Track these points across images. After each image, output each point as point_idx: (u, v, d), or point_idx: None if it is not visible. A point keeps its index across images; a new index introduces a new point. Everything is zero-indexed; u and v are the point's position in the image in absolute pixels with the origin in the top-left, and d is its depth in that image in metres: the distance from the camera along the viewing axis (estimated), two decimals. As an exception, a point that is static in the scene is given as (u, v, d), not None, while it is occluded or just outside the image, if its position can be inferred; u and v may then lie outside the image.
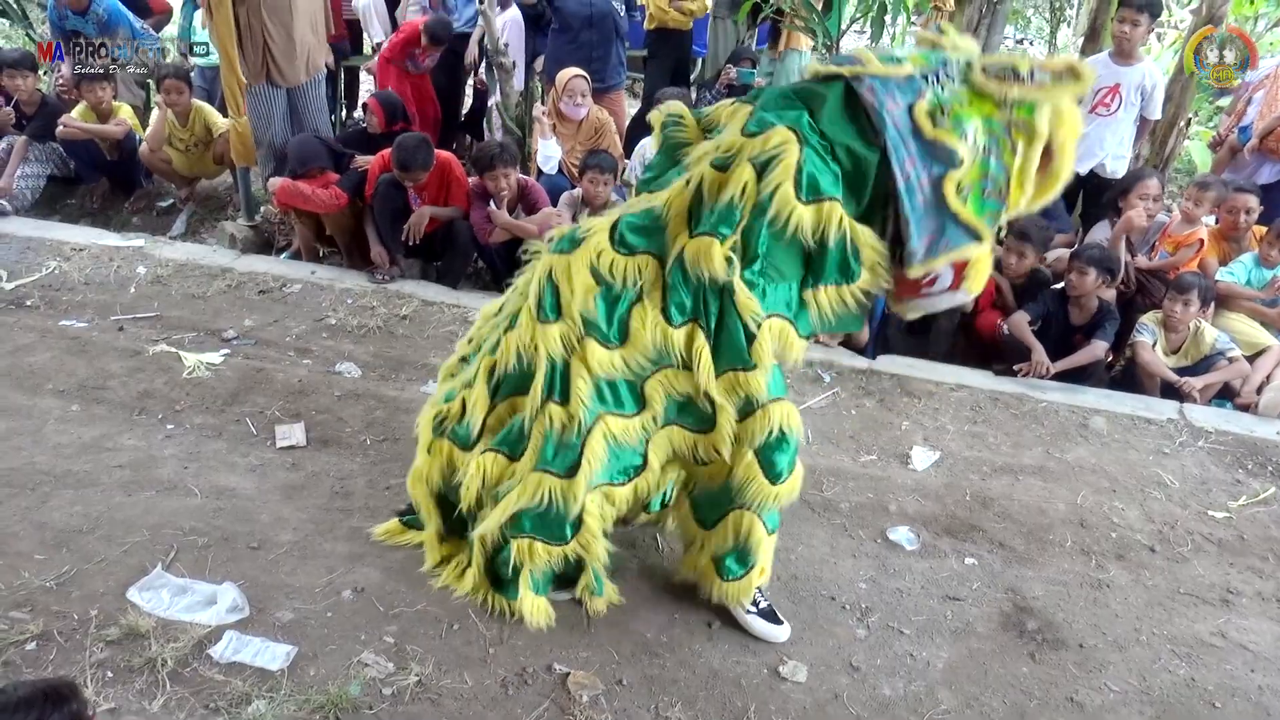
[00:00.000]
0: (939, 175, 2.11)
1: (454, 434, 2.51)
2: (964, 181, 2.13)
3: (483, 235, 4.54)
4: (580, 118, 5.03)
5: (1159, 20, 7.36)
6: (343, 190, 4.57)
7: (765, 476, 2.30)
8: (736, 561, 2.44)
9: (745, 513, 2.36)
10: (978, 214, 2.16)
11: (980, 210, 2.18)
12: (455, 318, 4.23)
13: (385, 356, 3.88)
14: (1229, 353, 4.01)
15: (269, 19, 4.80)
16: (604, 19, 5.21)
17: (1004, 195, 2.19)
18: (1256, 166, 4.54)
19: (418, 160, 4.35)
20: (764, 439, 2.27)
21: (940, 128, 2.09)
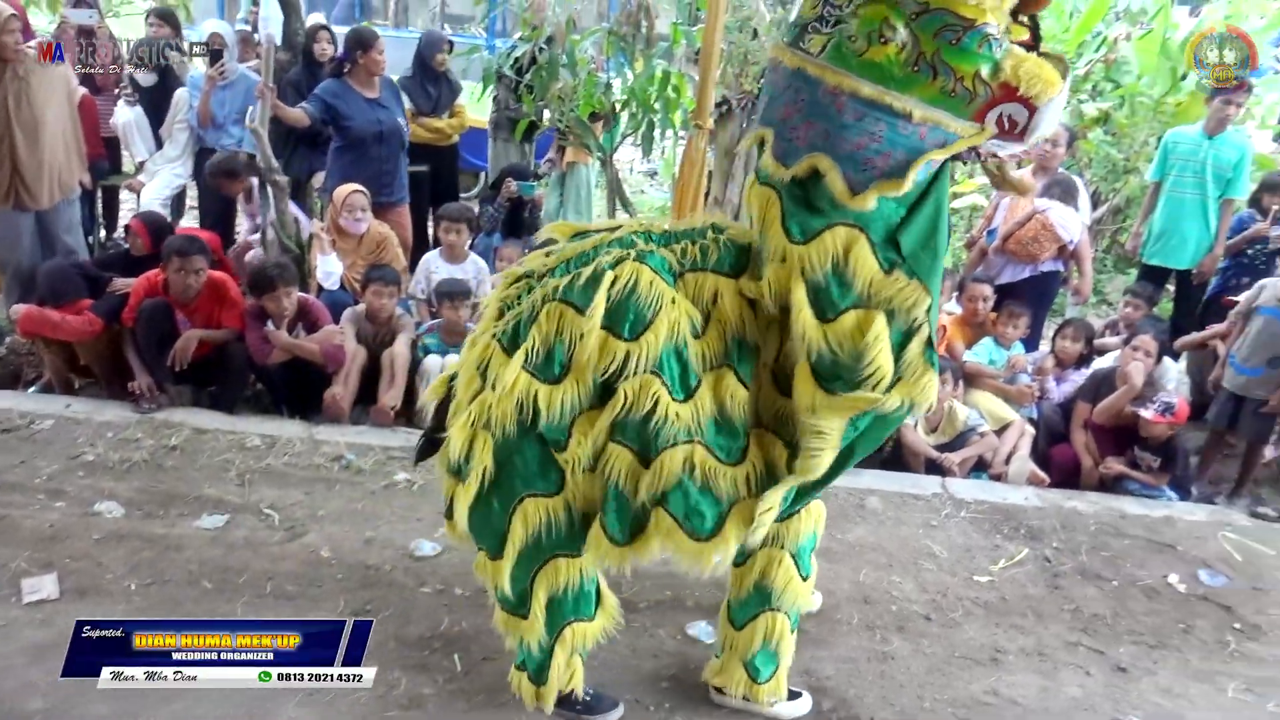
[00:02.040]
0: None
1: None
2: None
3: (260, 356, 4.36)
4: (360, 233, 5.00)
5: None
6: (97, 316, 4.28)
7: (800, 576, 2.30)
8: (766, 661, 2.42)
9: (777, 614, 2.36)
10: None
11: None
12: (231, 445, 4.01)
13: (152, 492, 3.61)
14: (980, 428, 4.41)
15: (19, 138, 4.53)
16: (392, 135, 5.25)
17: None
18: (1001, 266, 5.09)
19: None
20: (804, 541, 2.28)
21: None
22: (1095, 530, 3.84)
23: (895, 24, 1.77)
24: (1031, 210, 4.93)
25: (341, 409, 4.32)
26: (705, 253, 2.18)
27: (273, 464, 3.88)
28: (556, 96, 5.44)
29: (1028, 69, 1.79)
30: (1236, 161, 5.18)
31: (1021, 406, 4.61)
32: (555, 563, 2.27)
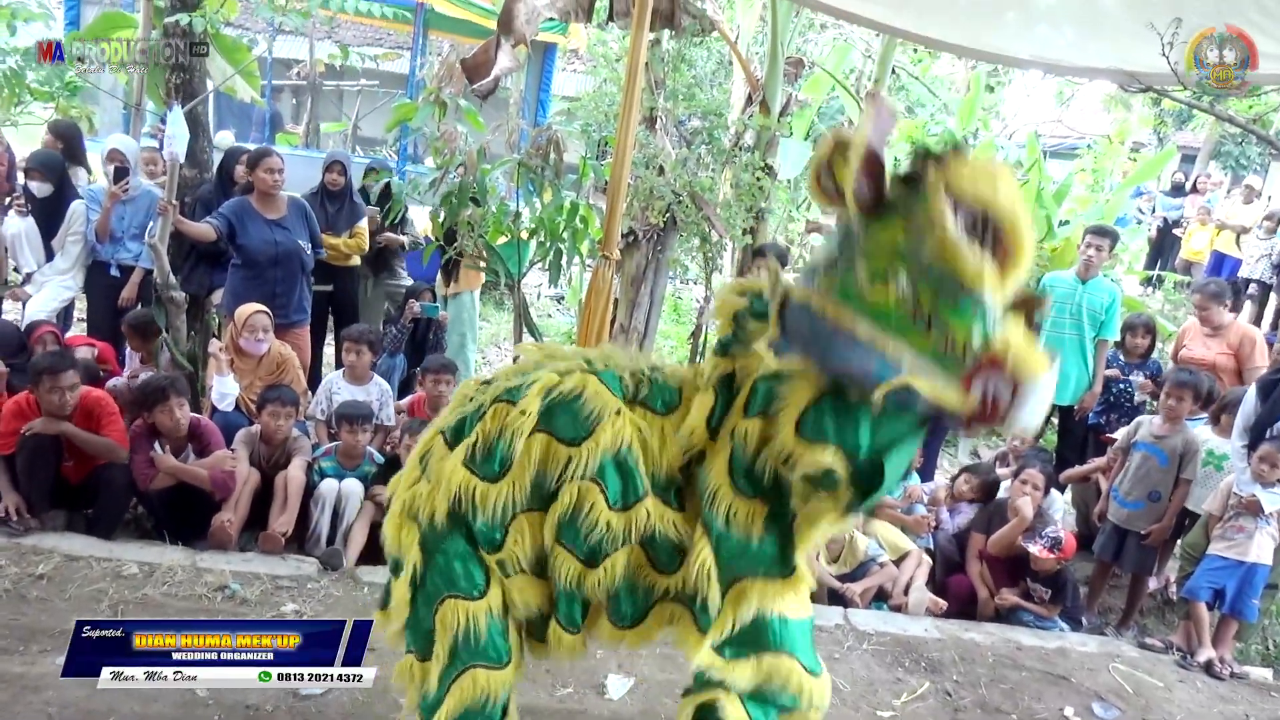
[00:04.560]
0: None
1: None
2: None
3: (144, 480, 4.16)
4: (261, 353, 4.88)
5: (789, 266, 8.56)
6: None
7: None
8: None
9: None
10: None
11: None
12: (106, 573, 3.76)
13: (12, 625, 3.33)
14: (880, 558, 4.47)
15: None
16: (289, 257, 5.18)
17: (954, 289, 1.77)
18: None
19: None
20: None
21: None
22: (993, 662, 3.89)
23: (899, 270, 1.78)
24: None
25: (229, 535, 4.12)
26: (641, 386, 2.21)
27: (150, 594, 3.65)
28: (466, 223, 5.51)
29: (1018, 346, 1.78)
30: (1108, 305, 5.53)
31: (918, 536, 4.70)
32: (473, 673, 2.16)
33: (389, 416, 5.02)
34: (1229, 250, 11.54)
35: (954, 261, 1.71)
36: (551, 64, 10.71)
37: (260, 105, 10.44)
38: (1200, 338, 5.43)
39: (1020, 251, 1.73)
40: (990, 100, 12.68)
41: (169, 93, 5.72)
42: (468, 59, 4.97)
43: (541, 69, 10.38)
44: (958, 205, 1.71)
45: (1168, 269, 12.60)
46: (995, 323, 1.76)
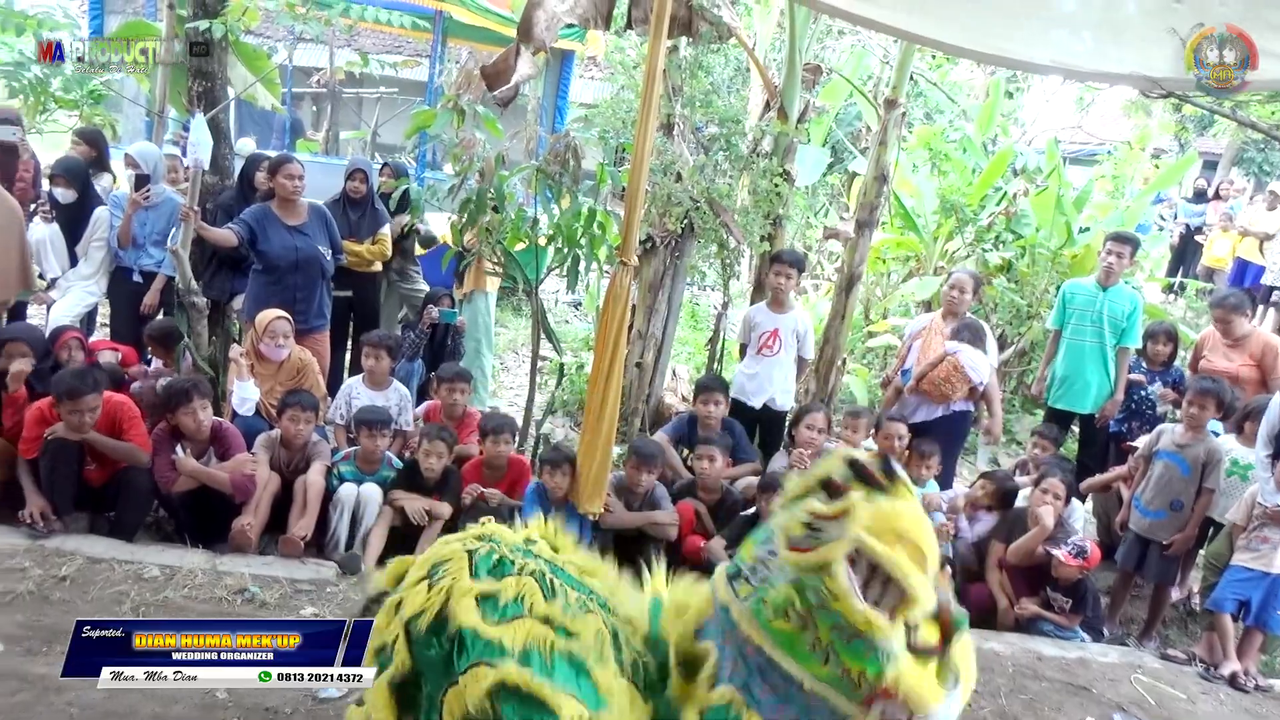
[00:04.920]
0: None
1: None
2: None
3: (165, 483, 4.19)
4: (281, 359, 4.91)
5: (807, 273, 8.57)
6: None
7: None
8: None
9: None
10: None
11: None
12: (127, 575, 3.79)
13: (36, 627, 3.36)
14: (897, 566, 4.44)
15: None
16: (310, 263, 5.22)
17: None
18: (915, 406, 5.25)
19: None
20: None
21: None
22: (1013, 672, 3.86)
23: (799, 608, 1.85)
24: (943, 352, 5.13)
25: (249, 539, 4.15)
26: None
27: (171, 596, 3.68)
28: (484, 229, 5.53)
29: (907, 684, 1.82)
30: (1130, 312, 5.49)
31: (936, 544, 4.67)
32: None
33: (407, 422, 5.04)
34: (1252, 257, 11.43)
35: (846, 611, 1.78)
36: (569, 71, 10.73)
37: (281, 113, 10.53)
38: (1221, 349, 5.38)
39: (916, 597, 1.78)
40: (1009, 106, 12.62)
41: (191, 100, 5.77)
42: (488, 66, 5.00)
43: (559, 76, 10.41)
44: (857, 554, 1.78)
45: (1190, 276, 12.51)
46: (889, 659, 1.81)
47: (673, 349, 6.91)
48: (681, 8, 5.30)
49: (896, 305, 8.96)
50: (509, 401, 7.03)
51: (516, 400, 7.10)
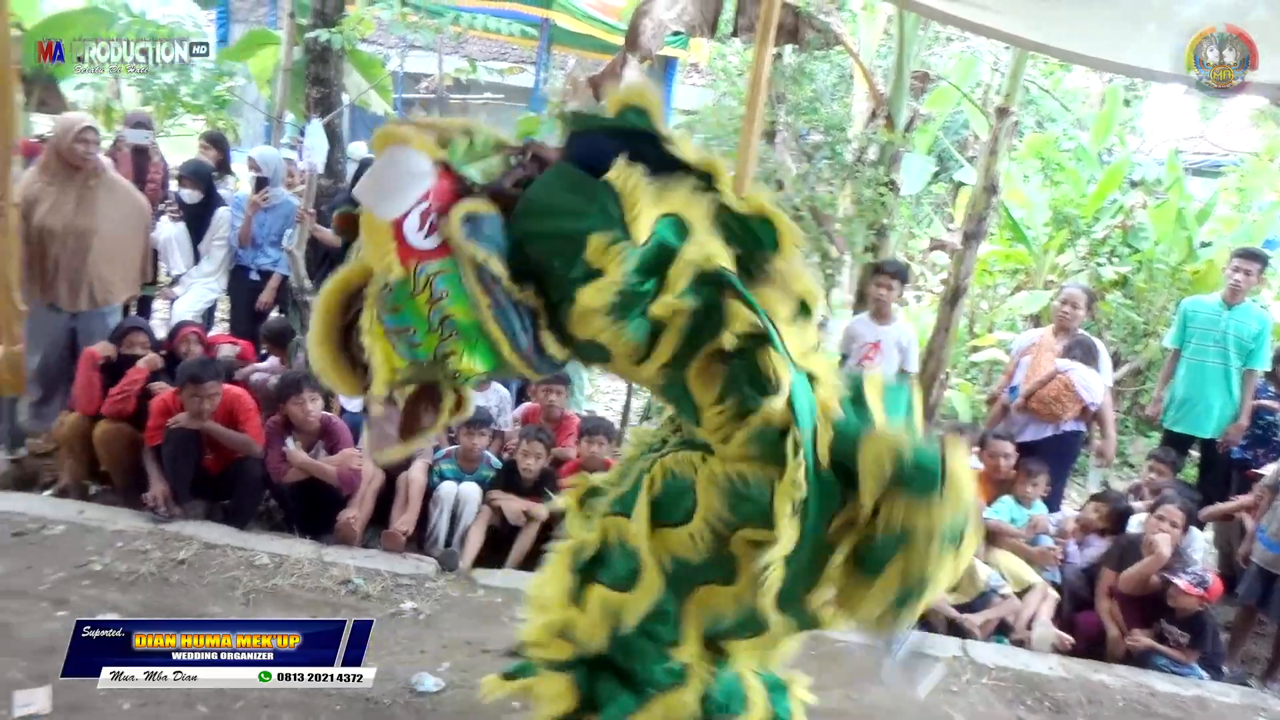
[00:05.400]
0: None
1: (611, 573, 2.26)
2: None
3: (277, 474, 4.35)
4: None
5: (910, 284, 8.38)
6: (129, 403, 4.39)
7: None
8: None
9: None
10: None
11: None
12: (240, 562, 3.94)
13: (156, 607, 3.52)
14: (1001, 589, 4.30)
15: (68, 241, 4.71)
16: (414, 264, 5.36)
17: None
18: (1023, 424, 5.09)
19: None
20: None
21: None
22: (1123, 706, 3.70)
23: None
24: (1053, 370, 4.96)
25: (354, 532, 4.26)
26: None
27: (279, 584, 3.81)
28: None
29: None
30: (1258, 333, 5.21)
31: (1043, 569, 4.51)
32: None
33: (506, 422, 5.12)
34: (1391, 276, 10.72)
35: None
36: (672, 78, 10.79)
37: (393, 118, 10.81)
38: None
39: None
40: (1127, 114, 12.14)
41: (309, 106, 6.01)
42: (595, 75, 5.04)
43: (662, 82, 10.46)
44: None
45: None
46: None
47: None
48: (788, 15, 5.26)
49: (1003, 319, 8.70)
50: (605, 405, 7.08)
51: (612, 404, 7.14)
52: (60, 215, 4.74)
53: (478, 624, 3.74)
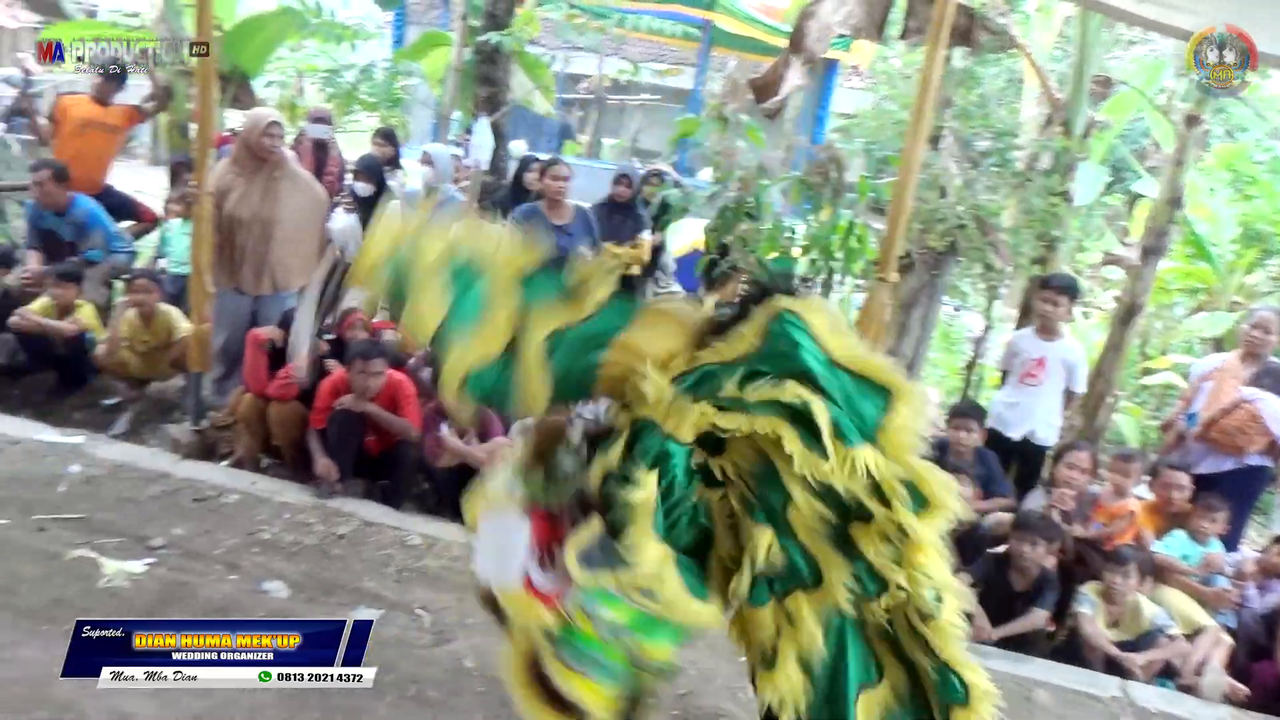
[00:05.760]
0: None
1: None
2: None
3: (432, 458, 4.52)
4: (539, 351, 5.16)
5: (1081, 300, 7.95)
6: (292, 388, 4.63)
7: None
8: None
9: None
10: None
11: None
12: (394, 540, 4.12)
13: (317, 578, 3.73)
14: (1168, 629, 4.03)
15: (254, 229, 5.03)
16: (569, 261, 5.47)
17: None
18: (1201, 455, 4.77)
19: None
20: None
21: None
22: (1303, 767, 3.40)
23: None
24: (1239, 399, 4.61)
25: (500, 519, 4.38)
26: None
27: (430, 564, 3.95)
28: (739, 237, 5.55)
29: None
30: None
31: (1217, 612, 4.20)
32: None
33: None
34: None
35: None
36: (832, 80, 10.61)
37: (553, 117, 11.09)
38: None
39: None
40: (1331, 125, 11.15)
41: (476, 105, 6.22)
42: (757, 78, 5.01)
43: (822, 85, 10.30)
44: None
45: None
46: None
47: (923, 370, 6.65)
48: (961, 16, 5.08)
49: (1179, 341, 8.15)
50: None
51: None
52: (248, 204, 5.07)
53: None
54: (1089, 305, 9.33)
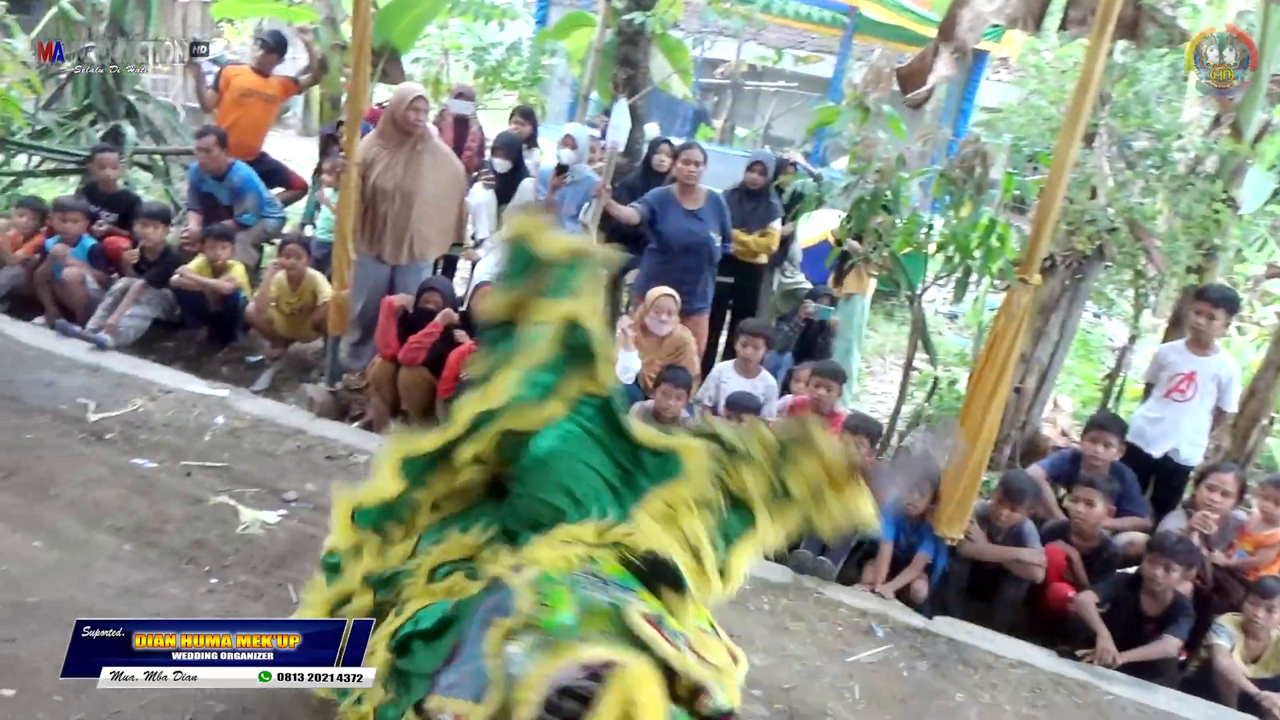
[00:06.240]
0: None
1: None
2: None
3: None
4: (664, 334, 5.18)
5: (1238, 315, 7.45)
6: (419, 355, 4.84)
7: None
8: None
9: None
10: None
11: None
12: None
13: (437, 541, 3.85)
14: (1314, 670, 3.77)
15: (396, 200, 5.20)
16: (700, 247, 5.47)
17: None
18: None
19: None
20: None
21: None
22: None
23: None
24: None
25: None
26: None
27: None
28: (874, 230, 5.42)
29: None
30: None
31: (1372, 656, 3.89)
32: None
33: (771, 412, 5.10)
34: None
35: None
36: (980, 72, 10.21)
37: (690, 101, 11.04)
38: None
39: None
40: None
41: (616, 86, 6.24)
42: (903, 67, 4.87)
43: (969, 77, 9.93)
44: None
45: None
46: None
47: (1058, 377, 6.36)
48: (1128, 8, 4.80)
49: (1347, 364, 7.54)
50: (870, 407, 6.88)
51: (878, 406, 6.93)
52: (391, 176, 5.24)
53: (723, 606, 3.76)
54: (1246, 320, 8.73)
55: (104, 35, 7.98)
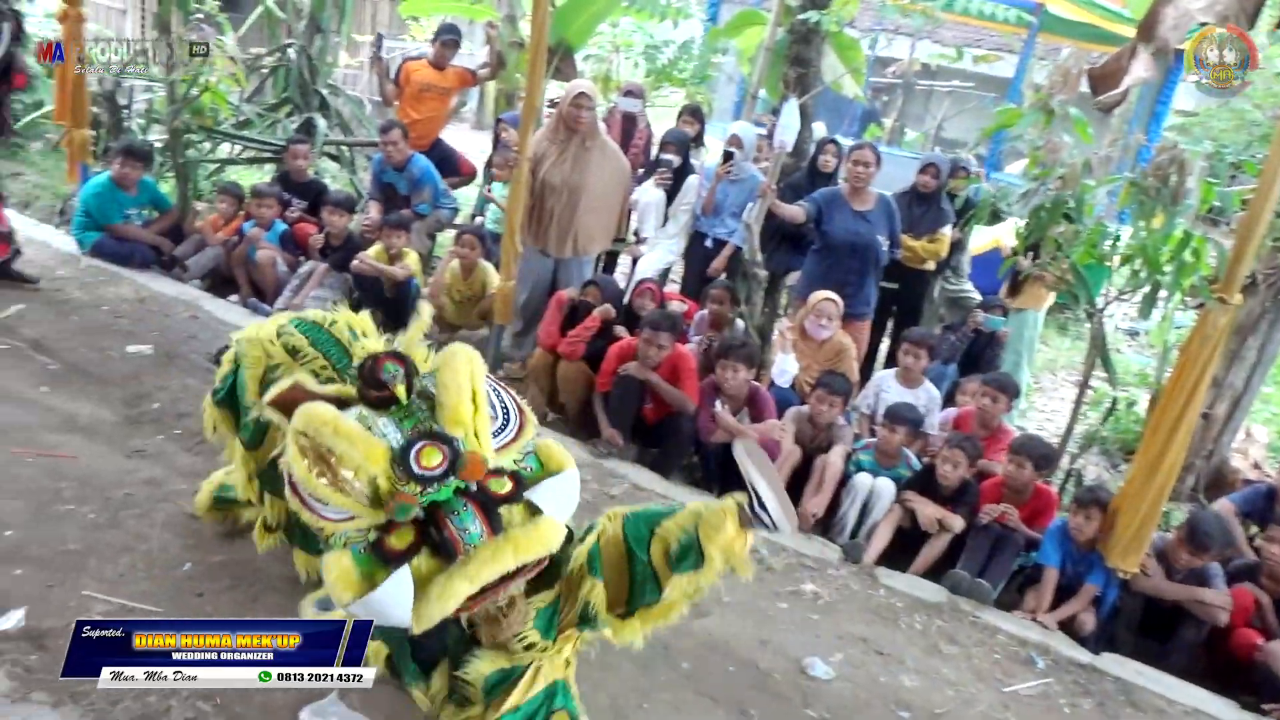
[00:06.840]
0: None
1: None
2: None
3: (705, 433, 4.59)
4: (823, 339, 5.09)
5: None
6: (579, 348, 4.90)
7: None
8: None
9: None
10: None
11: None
12: (661, 508, 4.22)
13: (587, 532, 3.90)
14: None
15: (562, 195, 5.31)
16: (866, 250, 5.33)
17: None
18: None
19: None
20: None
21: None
22: None
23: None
24: None
25: (763, 504, 4.38)
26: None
27: (693, 538, 4.02)
28: (1054, 240, 5.14)
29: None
30: None
31: None
32: None
33: (932, 424, 4.93)
34: None
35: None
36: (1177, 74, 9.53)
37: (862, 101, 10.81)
38: None
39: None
40: None
41: (786, 85, 6.16)
42: (1095, 67, 4.60)
43: (1165, 79, 9.29)
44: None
45: None
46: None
47: (1252, 405, 5.87)
48: (1361, 4, 4.37)
49: None
50: (1038, 425, 6.55)
51: (1045, 424, 6.59)
52: (559, 171, 5.36)
53: (874, 621, 3.67)
54: None
55: (303, 32, 8.52)
